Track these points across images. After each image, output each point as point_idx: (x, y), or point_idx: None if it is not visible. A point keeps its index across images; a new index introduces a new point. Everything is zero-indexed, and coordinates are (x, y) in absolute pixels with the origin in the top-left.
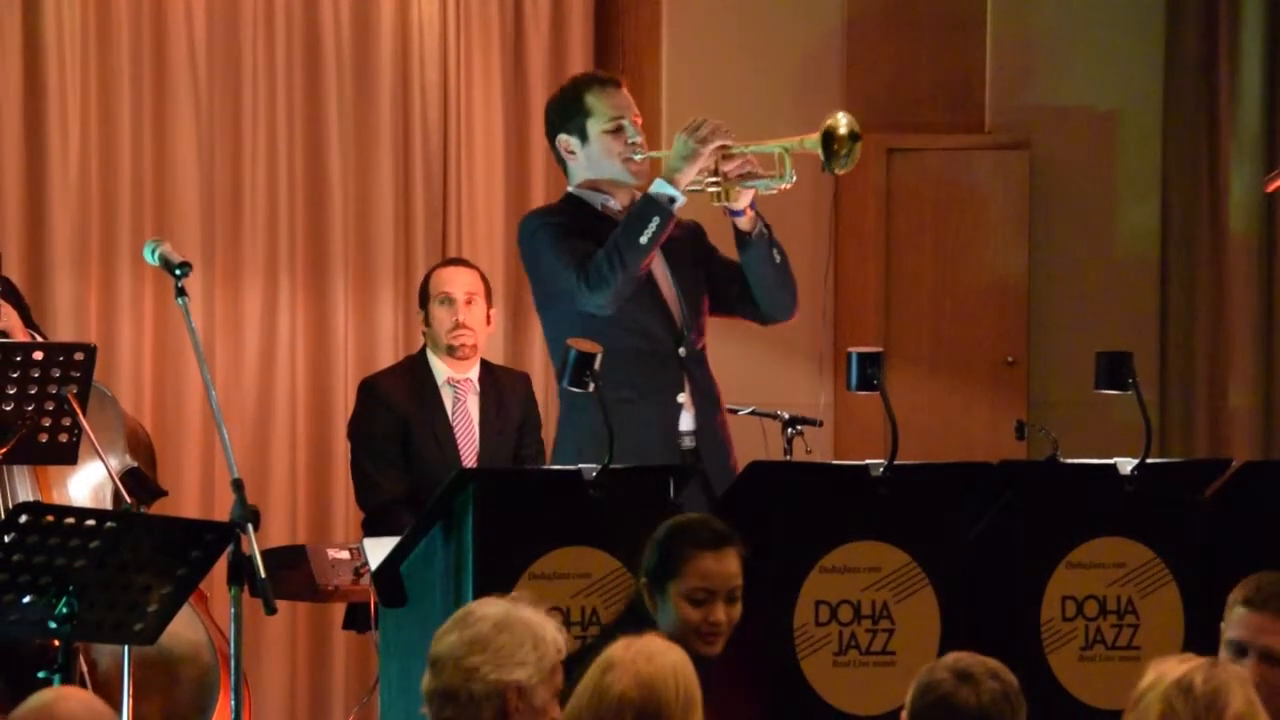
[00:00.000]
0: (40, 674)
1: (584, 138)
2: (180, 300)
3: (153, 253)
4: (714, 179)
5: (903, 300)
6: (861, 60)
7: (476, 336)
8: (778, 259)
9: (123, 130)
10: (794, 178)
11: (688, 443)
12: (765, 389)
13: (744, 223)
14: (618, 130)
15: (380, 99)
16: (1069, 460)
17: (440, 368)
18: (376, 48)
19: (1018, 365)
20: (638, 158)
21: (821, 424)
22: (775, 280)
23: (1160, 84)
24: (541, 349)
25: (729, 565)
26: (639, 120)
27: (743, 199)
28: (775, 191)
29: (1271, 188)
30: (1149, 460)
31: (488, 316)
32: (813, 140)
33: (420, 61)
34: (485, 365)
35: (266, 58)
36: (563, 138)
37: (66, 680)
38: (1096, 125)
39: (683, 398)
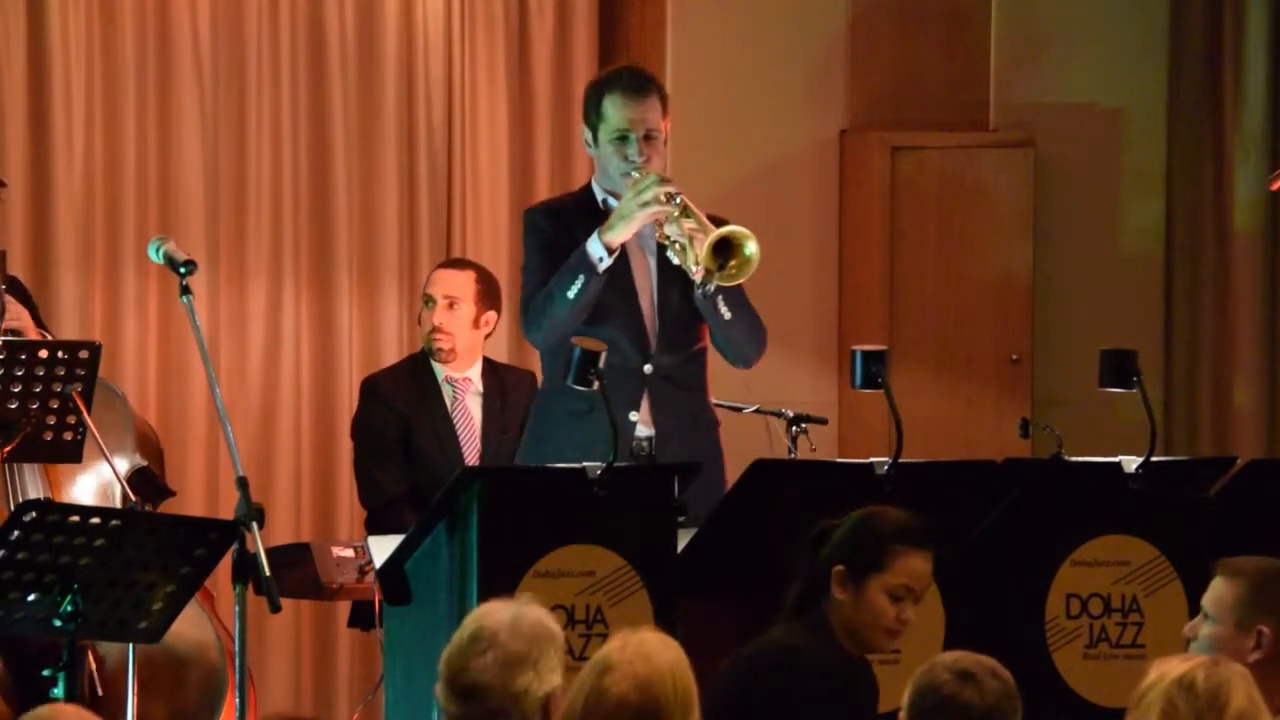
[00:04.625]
0: (46, 671)
1: (595, 139)
2: (185, 298)
3: (157, 251)
4: (665, 236)
5: (907, 298)
6: (866, 57)
7: (454, 340)
8: (726, 316)
9: (127, 128)
10: (698, 270)
11: (643, 446)
12: (769, 387)
13: (694, 276)
14: (621, 141)
15: (385, 96)
16: (1073, 458)
17: (439, 366)
18: (381, 45)
19: (1022, 363)
20: (635, 175)
21: (826, 422)
22: (724, 334)
23: (1165, 81)
24: None
25: (931, 567)
26: (664, 128)
27: (687, 261)
28: (693, 272)
29: (1276, 185)
30: (1153, 458)
31: (477, 319)
32: (710, 240)
33: (425, 58)
34: (489, 364)
35: (271, 55)
36: (584, 130)
37: (71, 678)
38: (1101, 123)
39: (635, 416)
